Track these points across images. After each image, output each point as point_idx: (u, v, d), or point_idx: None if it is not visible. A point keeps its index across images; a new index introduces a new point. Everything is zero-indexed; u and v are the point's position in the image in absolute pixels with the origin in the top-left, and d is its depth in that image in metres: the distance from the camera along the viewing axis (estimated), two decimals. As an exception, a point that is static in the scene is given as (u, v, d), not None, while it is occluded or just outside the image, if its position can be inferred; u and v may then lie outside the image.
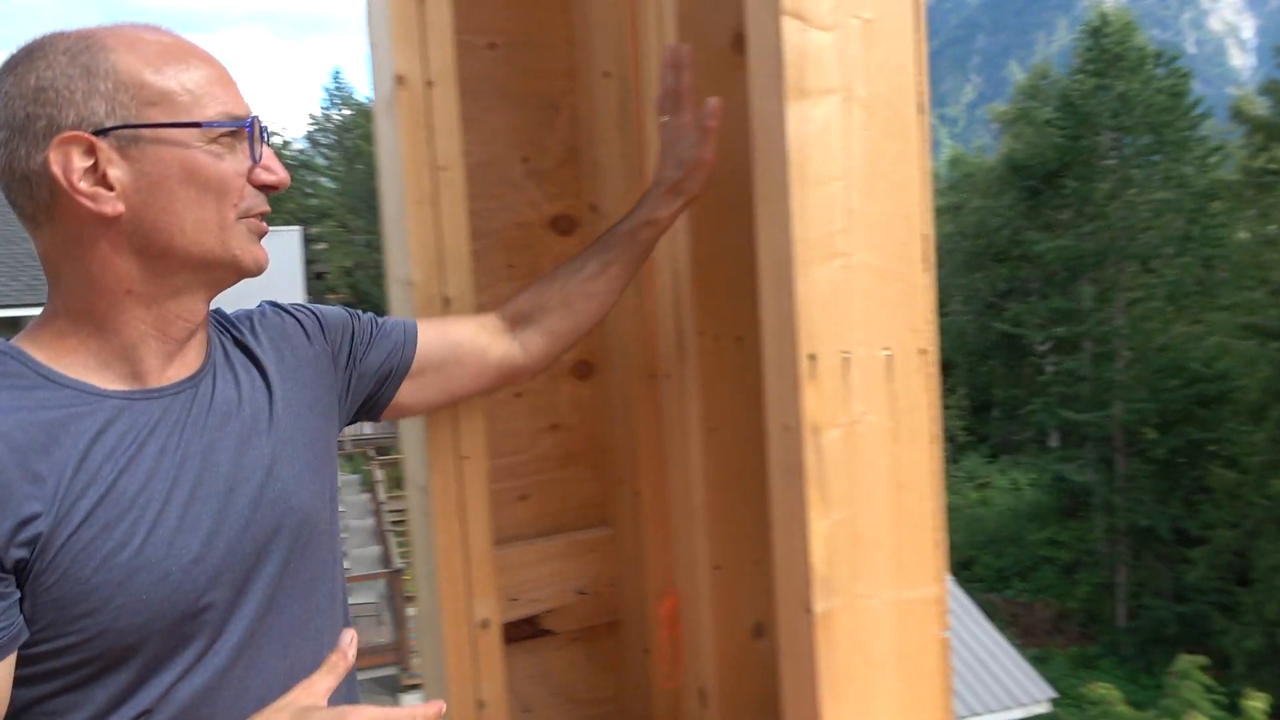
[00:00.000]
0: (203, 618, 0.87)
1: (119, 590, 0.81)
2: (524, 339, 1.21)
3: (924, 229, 1.03)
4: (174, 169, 0.86)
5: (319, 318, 1.09)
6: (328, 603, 1.00)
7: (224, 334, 1.00)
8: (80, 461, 0.82)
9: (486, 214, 1.40)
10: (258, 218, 0.93)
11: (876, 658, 1.04)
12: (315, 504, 0.98)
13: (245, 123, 0.90)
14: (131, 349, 0.89)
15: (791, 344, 0.99)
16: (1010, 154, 27.65)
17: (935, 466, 1.07)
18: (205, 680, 0.87)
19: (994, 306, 27.33)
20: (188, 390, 0.92)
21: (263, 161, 0.93)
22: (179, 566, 0.85)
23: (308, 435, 1.01)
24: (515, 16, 1.41)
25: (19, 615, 0.79)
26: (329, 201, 36.42)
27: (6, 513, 0.77)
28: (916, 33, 1.02)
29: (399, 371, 1.13)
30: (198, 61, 0.89)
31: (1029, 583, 23.21)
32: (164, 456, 0.87)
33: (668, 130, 1.18)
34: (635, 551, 1.49)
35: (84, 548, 0.80)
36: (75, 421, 0.83)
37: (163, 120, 0.86)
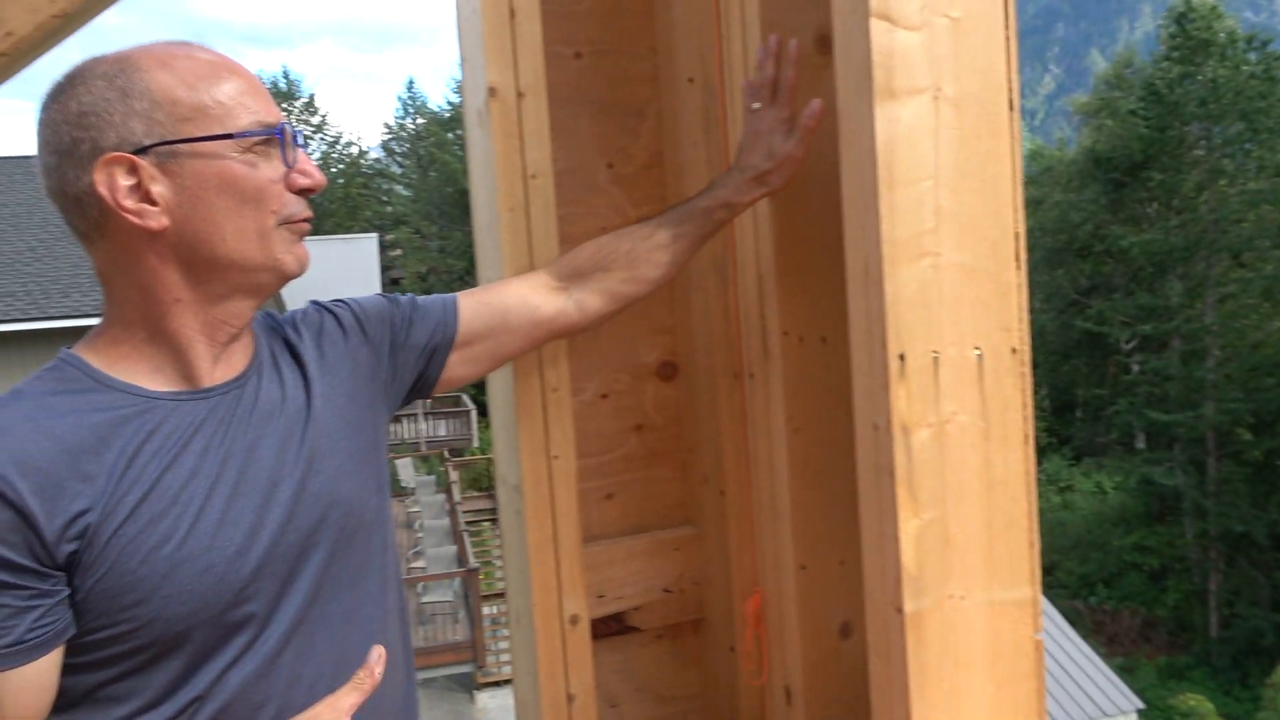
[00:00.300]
0: (249, 607, 0.91)
1: (164, 581, 0.86)
2: (580, 297, 1.21)
3: (1015, 227, 1.02)
4: (211, 180, 0.90)
5: (355, 310, 1.11)
6: (377, 591, 1.03)
7: (271, 335, 1.04)
8: (128, 460, 0.87)
9: (573, 219, 1.43)
10: (299, 222, 0.96)
11: (967, 659, 1.04)
12: (360, 495, 1.01)
13: (276, 130, 0.93)
14: (181, 353, 0.93)
15: (880, 344, 0.99)
16: (1093, 146, 26.80)
17: (1029, 467, 1.06)
18: (256, 667, 0.91)
19: (1076, 304, 26.51)
20: (234, 390, 0.96)
21: (297, 166, 0.95)
22: (222, 559, 0.89)
23: (351, 428, 1.03)
24: (601, 26, 1.44)
25: (66, 612, 0.85)
26: (404, 208, 37.23)
27: (58, 510, 0.82)
28: (1006, 29, 1.01)
29: (444, 346, 1.15)
30: (229, 74, 0.92)
31: (1114, 589, 22.45)
32: (207, 454, 0.91)
33: (757, 119, 1.18)
34: (720, 550, 1.51)
35: (130, 541, 0.85)
36: (125, 423, 0.88)
37: (197, 134, 0.89)
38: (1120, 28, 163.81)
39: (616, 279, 1.21)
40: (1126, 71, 29.34)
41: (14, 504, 0.81)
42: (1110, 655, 17.17)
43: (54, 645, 0.85)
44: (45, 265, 11.02)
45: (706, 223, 1.22)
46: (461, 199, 34.00)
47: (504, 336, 1.18)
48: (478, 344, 1.17)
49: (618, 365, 1.52)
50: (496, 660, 12.70)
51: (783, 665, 1.39)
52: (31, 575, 0.82)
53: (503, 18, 1.21)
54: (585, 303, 1.21)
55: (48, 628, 0.83)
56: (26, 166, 13.45)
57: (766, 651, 1.42)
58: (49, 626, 0.84)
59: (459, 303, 1.17)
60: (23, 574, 0.82)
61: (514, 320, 1.18)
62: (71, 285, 10.55)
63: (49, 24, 1.07)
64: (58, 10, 1.07)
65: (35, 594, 0.83)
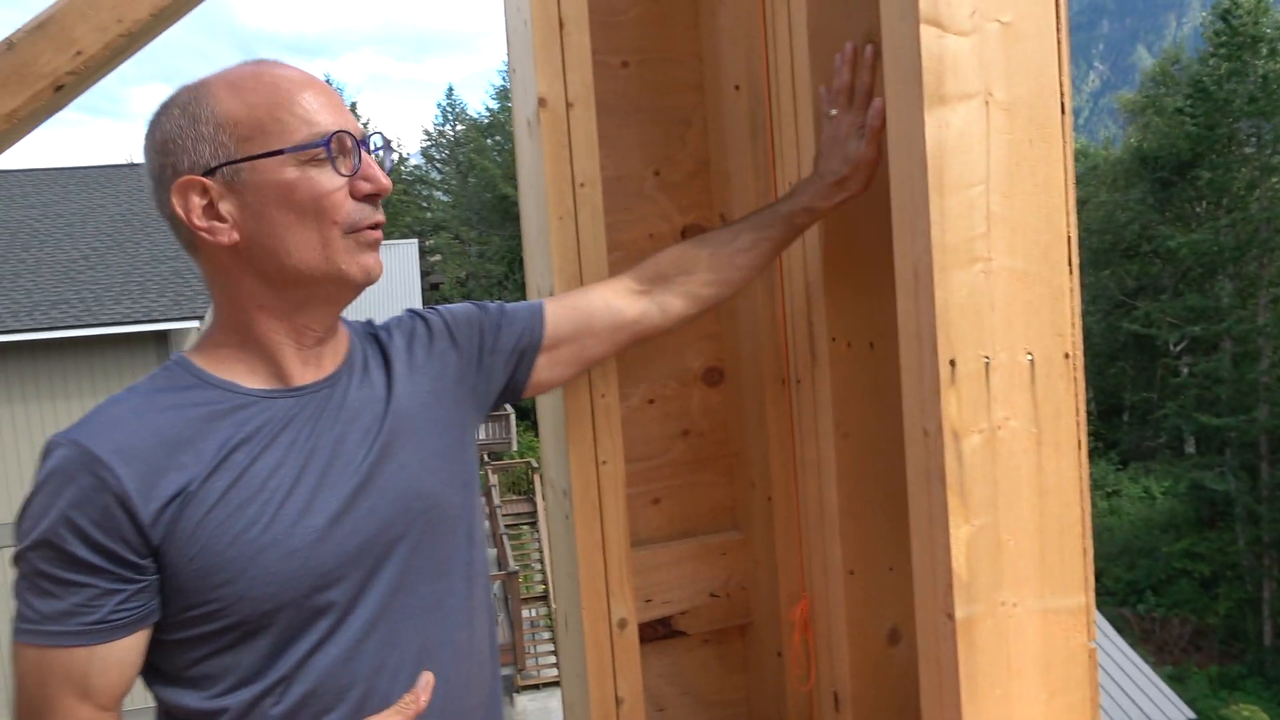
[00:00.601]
0: (332, 593, 0.95)
1: (250, 563, 0.91)
2: (663, 300, 1.24)
3: (1068, 231, 1.02)
4: (271, 195, 0.94)
5: (445, 317, 1.16)
6: (463, 585, 1.07)
7: (366, 339, 1.09)
8: (220, 451, 0.93)
9: (620, 226, 1.45)
10: (368, 229, 0.98)
11: (1020, 666, 1.03)
12: (445, 489, 1.05)
13: (322, 141, 0.94)
14: (271, 355, 0.99)
15: (931, 349, 0.99)
16: (1139, 145, 26.29)
17: (1082, 473, 1.05)
18: (341, 652, 0.96)
19: (1123, 305, 26.01)
20: (324, 390, 1.01)
21: (359, 172, 0.97)
22: (304, 544, 0.94)
23: (436, 426, 1.07)
24: (647, 35, 1.45)
25: (151, 599, 0.92)
26: (443, 214, 37.58)
27: (154, 495, 0.89)
28: (1058, 33, 1.00)
29: (531, 349, 1.18)
30: (292, 90, 0.95)
31: (1163, 597, 21.96)
32: (294, 447, 0.96)
33: (835, 124, 1.19)
34: (767, 555, 1.51)
35: (219, 525, 0.91)
36: (220, 417, 0.95)
37: (255, 152, 0.94)
38: (1167, 23, 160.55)
39: (699, 281, 1.24)
40: (1174, 68, 28.75)
41: (113, 490, 0.88)
42: (1159, 664, 16.80)
43: (136, 629, 0.91)
44: (98, 273, 11.30)
45: (788, 227, 1.24)
46: (500, 204, 34.26)
47: (589, 340, 1.22)
48: (563, 347, 1.20)
49: (665, 371, 1.53)
50: (536, 664, 12.75)
51: (830, 671, 1.38)
52: (120, 561, 0.89)
53: (552, 29, 1.22)
54: (668, 305, 1.24)
55: (131, 612, 0.90)
56: (80, 177, 13.81)
57: (814, 657, 1.42)
58: (132, 611, 0.90)
59: (545, 308, 1.20)
60: (112, 559, 0.89)
61: (598, 323, 1.21)
62: (123, 293, 10.80)
63: (116, 43, 1.10)
64: (124, 30, 1.11)
65: (121, 579, 0.89)
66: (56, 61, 1.06)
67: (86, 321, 10.23)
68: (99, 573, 0.89)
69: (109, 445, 0.89)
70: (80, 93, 1.20)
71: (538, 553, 15.81)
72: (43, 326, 10.13)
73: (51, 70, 1.06)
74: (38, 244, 11.96)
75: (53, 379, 10.34)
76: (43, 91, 1.07)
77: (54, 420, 10.21)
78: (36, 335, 10.07)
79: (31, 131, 1.18)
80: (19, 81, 1.06)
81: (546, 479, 1.45)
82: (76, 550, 0.88)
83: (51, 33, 1.06)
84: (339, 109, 0.97)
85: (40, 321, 10.20)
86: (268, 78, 0.96)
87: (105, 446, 0.89)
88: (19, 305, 10.51)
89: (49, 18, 1.07)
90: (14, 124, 1.10)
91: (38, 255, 11.66)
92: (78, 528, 0.88)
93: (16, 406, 10.27)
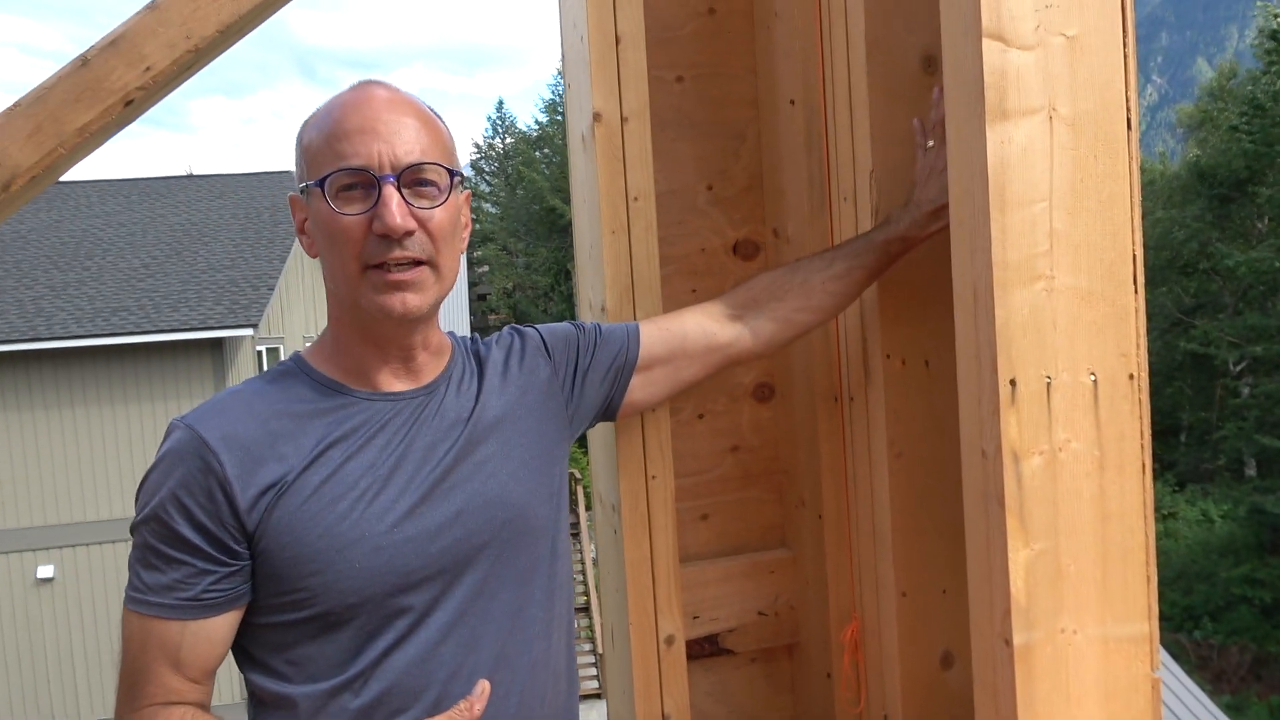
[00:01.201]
0: (414, 594, 0.98)
1: (338, 556, 0.95)
2: (755, 325, 1.24)
3: (1134, 249, 0.99)
4: (318, 221, 1.00)
5: (544, 334, 1.19)
6: (544, 596, 1.08)
7: (469, 354, 1.13)
8: (318, 445, 0.98)
9: (672, 240, 1.44)
10: (379, 268, 0.98)
11: (1079, 695, 1.00)
12: (530, 500, 1.08)
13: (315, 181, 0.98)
14: (359, 362, 1.04)
15: (990, 369, 0.97)
16: (1197, 160, 25.69)
17: (1146, 498, 1.02)
18: (418, 652, 0.98)
19: (1180, 324, 25.37)
20: (420, 398, 1.05)
21: (377, 208, 0.97)
22: (390, 542, 0.97)
23: (527, 439, 1.10)
24: (702, 50, 1.45)
25: (243, 583, 0.97)
26: (491, 226, 37.96)
27: (254, 482, 0.95)
28: (1125, 47, 0.98)
29: (627, 369, 1.20)
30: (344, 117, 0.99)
31: (1221, 624, 21.29)
32: (388, 449, 1.00)
33: (933, 156, 1.18)
34: (817, 574, 1.49)
35: (312, 517, 0.95)
36: (322, 415, 1.00)
37: (309, 180, 1.00)
38: (1229, 35, 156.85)
39: (791, 307, 1.24)
40: (1232, 82, 28.07)
41: (216, 473, 0.94)
42: (1217, 693, 16.28)
43: (227, 609, 0.97)
44: (157, 281, 11.60)
45: (882, 256, 1.23)
46: (547, 216, 34.50)
47: (682, 361, 1.23)
48: (658, 368, 1.22)
49: (714, 386, 1.52)
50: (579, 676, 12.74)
51: (881, 694, 1.36)
52: (216, 543, 0.95)
53: (609, 44, 1.23)
54: (760, 329, 1.25)
55: (223, 593, 0.96)
56: (142, 188, 14.21)
57: (865, 679, 1.40)
58: (225, 592, 0.96)
59: (641, 329, 1.22)
60: (210, 540, 0.94)
61: (692, 345, 1.23)
62: (180, 300, 11.08)
63: (184, 58, 1.13)
64: (191, 46, 1.14)
65: (216, 560, 0.95)
66: (127, 77, 1.09)
67: (146, 328, 10.51)
68: (197, 552, 0.94)
69: (218, 432, 0.95)
70: (148, 107, 1.23)
71: (580, 565, 15.81)
72: (104, 333, 10.42)
73: (122, 85, 1.09)
74: (101, 252, 12.32)
75: (112, 384, 10.63)
76: (114, 106, 1.10)
77: (114, 423, 10.50)
78: (98, 341, 10.36)
79: (102, 145, 1.21)
80: (92, 96, 1.09)
81: (595, 493, 1.44)
82: (180, 528, 0.94)
83: (123, 49, 1.09)
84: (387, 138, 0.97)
85: (102, 328, 10.50)
86: (340, 103, 1.01)
87: (215, 433, 0.95)
88: (82, 311, 10.83)
89: (121, 34, 1.10)
90: (86, 137, 1.13)
91: (100, 263, 12.01)
92: (183, 505, 0.94)
93: (79, 410, 10.57)
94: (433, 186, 1.00)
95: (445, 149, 1.03)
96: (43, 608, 10.51)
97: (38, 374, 10.51)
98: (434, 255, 1.00)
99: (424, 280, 0.99)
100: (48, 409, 10.53)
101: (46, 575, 10.47)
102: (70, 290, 11.32)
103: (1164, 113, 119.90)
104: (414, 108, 1.01)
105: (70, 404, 10.57)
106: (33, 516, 10.51)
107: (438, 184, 1.00)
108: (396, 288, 0.98)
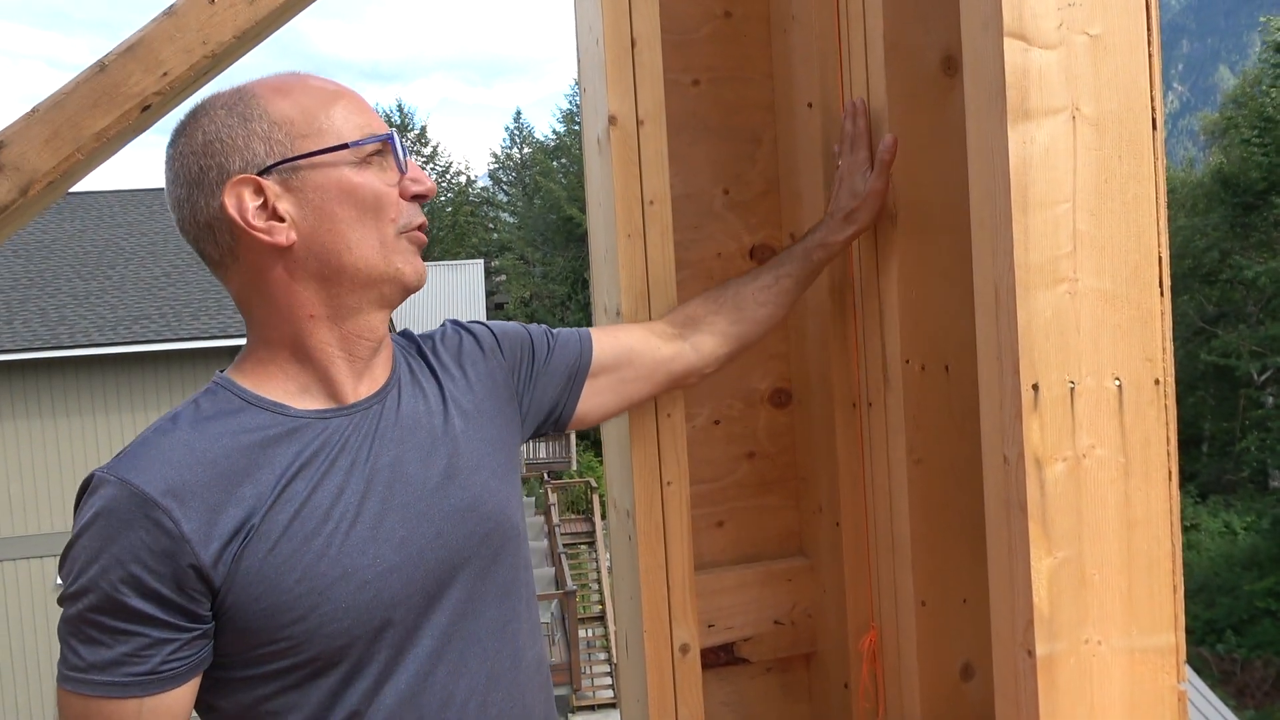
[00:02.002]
0: (400, 623, 0.92)
1: (322, 599, 0.87)
2: (695, 340, 1.25)
3: (1159, 250, 0.97)
4: (332, 192, 0.92)
5: (495, 334, 1.13)
6: (525, 608, 1.04)
7: (408, 352, 1.06)
8: (278, 481, 0.88)
9: (688, 245, 1.43)
10: (417, 229, 0.97)
11: (1104, 708, 0.98)
12: (505, 508, 1.02)
13: (386, 136, 0.95)
14: (323, 370, 0.94)
15: (1012, 373, 0.96)
16: (1219, 168, 25.47)
17: (1172, 505, 1.00)
18: (409, 683, 0.92)
19: (1202, 333, 25.11)
20: (375, 405, 0.97)
21: (409, 174, 0.96)
22: (375, 574, 0.90)
23: (492, 445, 1.04)
24: (718, 53, 1.45)
25: (204, 646, 0.86)
26: (509, 235, 38.14)
27: (215, 534, 0.84)
28: (1150, 46, 0.97)
29: (581, 374, 1.17)
30: (335, 93, 0.96)
31: (1245, 637, 20.99)
32: (354, 470, 0.92)
33: (842, 166, 1.26)
34: (834, 583, 1.47)
35: (285, 561, 0.86)
36: (275, 443, 0.90)
37: (314, 149, 0.92)
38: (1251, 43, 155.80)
39: (726, 320, 1.26)
40: (1255, 89, 27.83)
41: (170, 531, 0.83)
42: (1241, 707, 16.05)
43: (188, 679, 0.86)
44: (178, 289, 11.71)
45: (806, 263, 1.28)
46: (564, 226, 34.62)
47: (628, 372, 1.21)
48: (604, 376, 1.19)
49: (730, 391, 1.51)
50: (591, 684, 12.71)
51: (899, 705, 1.34)
52: (177, 610, 0.84)
53: (624, 47, 1.22)
54: (700, 344, 1.25)
55: (184, 661, 0.85)
56: (164, 198, 14.36)
57: (883, 690, 1.38)
58: (185, 660, 0.85)
59: (592, 334, 1.20)
60: (168, 608, 0.84)
61: (638, 358, 1.21)
62: (200, 309, 11.17)
63: (200, 64, 1.13)
64: (208, 51, 1.14)
65: (176, 628, 0.84)
66: (145, 82, 1.09)
67: (167, 336, 10.61)
68: (153, 622, 0.83)
69: (162, 485, 0.83)
70: (165, 114, 1.23)
71: (595, 573, 15.80)
72: (126, 341, 10.53)
73: (140, 91, 1.09)
74: (123, 261, 12.45)
75: (133, 391, 10.73)
76: (130, 111, 1.10)
77: (135, 430, 10.58)
78: (120, 349, 10.46)
79: (118, 151, 1.21)
80: (109, 101, 1.10)
81: (610, 499, 1.43)
82: (129, 600, 0.82)
83: (140, 54, 1.09)
84: (378, 117, 0.98)
85: (124, 336, 10.61)
86: (311, 82, 0.97)
87: (158, 486, 0.83)
88: (104, 320, 10.95)
89: (138, 40, 1.11)
90: (103, 143, 1.13)
91: (123, 272, 12.14)
92: (131, 575, 0.82)
93: (100, 417, 10.67)
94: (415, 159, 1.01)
95: None
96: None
97: (60, 382, 10.63)
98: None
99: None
100: (69, 416, 10.63)
101: (67, 581, 10.54)
102: (93, 299, 11.44)
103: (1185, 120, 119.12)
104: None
105: (92, 411, 10.68)
106: (54, 523, 10.61)
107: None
108: (419, 250, 0.98)
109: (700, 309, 1.26)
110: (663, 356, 1.22)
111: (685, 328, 1.25)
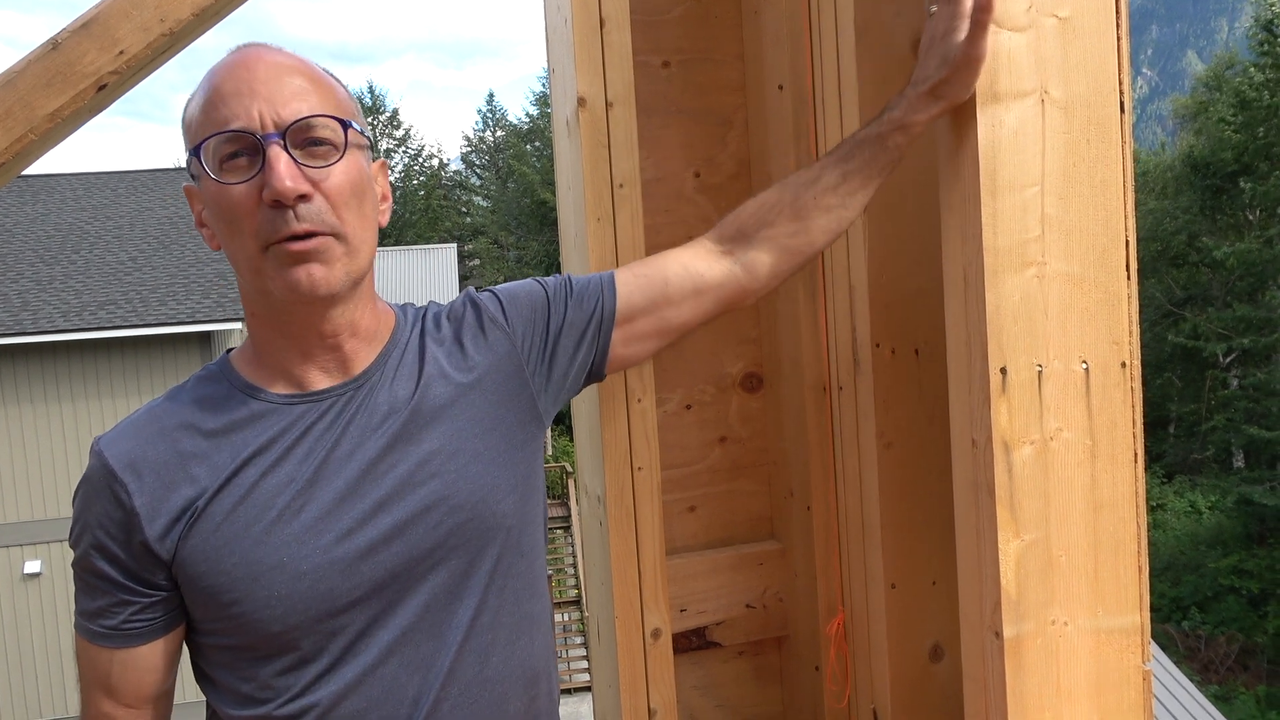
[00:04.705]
0: (349, 616, 0.89)
1: (255, 585, 0.87)
2: (747, 259, 1.07)
3: (1126, 234, 0.98)
4: (209, 201, 0.88)
5: (503, 300, 1.04)
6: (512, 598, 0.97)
7: (413, 331, 0.99)
8: (232, 464, 0.89)
9: (659, 228, 1.42)
10: (284, 241, 0.85)
11: (1070, 688, 0.99)
12: (488, 495, 0.95)
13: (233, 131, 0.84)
14: (279, 361, 0.92)
15: (981, 357, 0.96)
16: (1190, 151, 25.78)
17: (1138, 487, 1.01)
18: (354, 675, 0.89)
19: (1170, 315, 25.48)
20: (348, 393, 0.92)
21: (270, 172, 0.83)
22: (313, 566, 0.87)
23: (483, 425, 0.97)
24: (689, 34, 1.43)
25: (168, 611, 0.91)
26: (482, 219, 37.87)
27: (163, 509, 0.88)
28: (1118, 29, 0.97)
29: (605, 325, 1.05)
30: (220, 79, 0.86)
31: (1209, 614, 21.43)
32: (309, 459, 0.89)
33: (934, 22, 0.98)
34: (806, 566, 1.47)
35: (226, 543, 0.87)
36: (239, 427, 0.90)
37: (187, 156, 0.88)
38: (1218, 28, 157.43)
39: (784, 232, 1.07)
40: (1228, 72, 28.14)
41: (124, 504, 0.88)
42: (1204, 683, 16.40)
43: (153, 639, 0.92)
44: (145, 274, 11.52)
45: (879, 151, 1.03)
46: (538, 210, 34.43)
47: (667, 310, 1.07)
48: (640, 320, 1.07)
49: (702, 376, 1.50)
50: (568, 669, 12.75)
51: (870, 687, 1.35)
52: (131, 575, 0.89)
53: (593, 27, 1.21)
54: (754, 263, 1.08)
55: (147, 622, 0.91)
56: (130, 181, 14.10)
57: (850, 672, 1.39)
58: (148, 622, 0.91)
59: (616, 277, 1.07)
60: (125, 572, 0.89)
61: (675, 290, 1.07)
62: (168, 294, 11.00)
63: (158, 42, 1.10)
64: (166, 29, 1.10)
65: (133, 591, 0.90)
66: (100, 61, 1.06)
67: (133, 322, 10.44)
68: (115, 584, 0.90)
69: (125, 458, 0.89)
70: (122, 93, 1.20)
71: (571, 557, 15.82)
72: (91, 327, 10.35)
73: (95, 70, 1.06)
74: (88, 246, 12.22)
75: (100, 378, 10.56)
76: (86, 91, 1.07)
77: (101, 418, 10.43)
78: (85, 335, 10.29)
79: (74, 131, 1.18)
80: (63, 81, 1.06)
81: (581, 484, 1.43)
82: (96, 562, 0.90)
83: (95, 32, 1.06)
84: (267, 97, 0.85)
85: (89, 322, 10.42)
86: (217, 69, 0.89)
87: (122, 460, 0.88)
88: (69, 305, 10.75)
89: (93, 17, 1.07)
90: (57, 123, 1.10)
91: (87, 257, 11.92)
92: (96, 540, 0.89)
93: (65, 404, 10.50)
94: (327, 145, 0.86)
95: (339, 104, 0.90)
96: (30, 603, 10.45)
97: (24, 368, 10.44)
98: (337, 225, 0.86)
99: (329, 250, 0.86)
100: (34, 403, 10.45)
101: (34, 570, 10.41)
102: (57, 284, 11.23)
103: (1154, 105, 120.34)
104: (300, 64, 0.89)
105: (57, 398, 10.50)
106: (19, 512, 10.45)
107: (332, 142, 0.87)
108: (299, 260, 0.85)
109: (752, 219, 1.08)
110: (709, 282, 1.07)
111: (735, 243, 1.08)
